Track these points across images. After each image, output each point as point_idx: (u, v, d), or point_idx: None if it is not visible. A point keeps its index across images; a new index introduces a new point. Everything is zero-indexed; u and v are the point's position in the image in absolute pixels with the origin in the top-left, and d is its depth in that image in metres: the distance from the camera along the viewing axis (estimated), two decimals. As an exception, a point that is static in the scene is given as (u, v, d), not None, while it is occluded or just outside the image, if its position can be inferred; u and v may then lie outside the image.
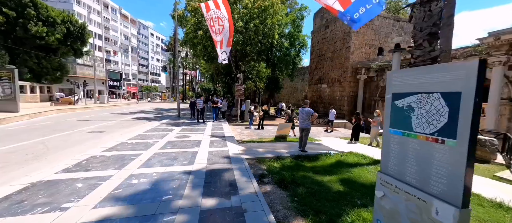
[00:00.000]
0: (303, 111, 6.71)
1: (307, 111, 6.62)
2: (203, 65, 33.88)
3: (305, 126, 6.63)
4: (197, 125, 11.40)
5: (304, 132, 6.66)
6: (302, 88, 37.46)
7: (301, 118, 6.70)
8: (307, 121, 6.59)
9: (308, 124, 6.58)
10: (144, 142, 6.93)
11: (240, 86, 12.83)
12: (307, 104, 6.86)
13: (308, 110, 6.62)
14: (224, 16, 10.98)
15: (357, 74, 21.14)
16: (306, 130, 6.63)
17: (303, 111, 6.69)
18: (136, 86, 56.24)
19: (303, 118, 6.65)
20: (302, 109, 6.80)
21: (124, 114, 16.31)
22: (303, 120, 6.65)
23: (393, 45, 22.72)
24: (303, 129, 6.69)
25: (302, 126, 6.67)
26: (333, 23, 23.88)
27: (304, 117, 6.61)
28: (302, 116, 6.67)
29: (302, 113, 6.68)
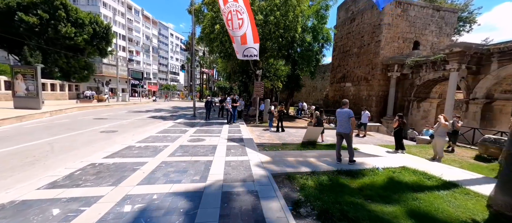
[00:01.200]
0: (341, 112, 5.35)
1: (346, 113, 5.25)
2: (220, 63, 33.35)
3: (343, 131, 5.27)
4: (212, 126, 10.47)
5: (344, 139, 5.31)
6: (322, 87, 35.31)
7: (340, 121, 5.35)
8: (347, 125, 5.23)
9: (348, 128, 5.22)
10: (153, 146, 6.07)
11: (259, 84, 11.67)
12: (346, 104, 5.47)
13: (348, 112, 5.26)
14: (242, 9, 9.88)
15: (388, 71, 18.85)
16: (346, 136, 5.27)
17: (341, 113, 5.33)
18: (156, 85, 57.93)
19: (342, 121, 5.30)
20: (340, 110, 5.44)
21: (141, 113, 16.04)
22: (342, 123, 5.30)
23: (431, 38, 19.98)
24: (342, 135, 5.33)
25: (341, 131, 5.32)
26: (360, 16, 21.68)
27: (344, 120, 5.26)
28: (341, 119, 5.32)
29: (341, 115, 5.32)
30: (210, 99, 12.61)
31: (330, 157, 5.81)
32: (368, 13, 20.55)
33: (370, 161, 5.61)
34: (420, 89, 18.27)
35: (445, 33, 20.16)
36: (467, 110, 14.67)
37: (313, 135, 6.94)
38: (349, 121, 5.19)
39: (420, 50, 19.25)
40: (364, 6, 21.28)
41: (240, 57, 10.96)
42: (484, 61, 13.61)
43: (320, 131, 7.18)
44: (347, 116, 5.20)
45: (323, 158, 5.63)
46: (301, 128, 12.20)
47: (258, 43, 10.55)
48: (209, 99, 12.62)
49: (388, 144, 8.53)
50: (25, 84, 11.74)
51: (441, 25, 19.93)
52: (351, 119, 5.15)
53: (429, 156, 6.58)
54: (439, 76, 16.25)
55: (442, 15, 19.83)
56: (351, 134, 5.24)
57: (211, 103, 12.34)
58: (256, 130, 10.34)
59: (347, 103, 5.50)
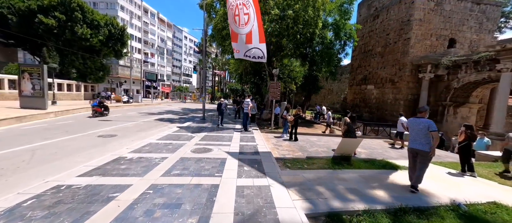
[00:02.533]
0: (417, 123, 3.84)
1: (424, 124, 3.72)
2: (232, 64, 32.36)
3: (420, 148, 3.73)
4: (222, 131, 9.16)
5: (419, 157, 3.77)
6: (338, 89, 33.12)
7: (414, 134, 3.84)
8: (425, 140, 3.70)
9: (427, 145, 3.67)
10: (148, 158, 4.83)
11: (275, 85, 10.25)
12: (425, 112, 3.91)
13: (427, 122, 3.72)
14: (248, 2, 8.58)
15: (419, 72, 16.63)
16: (422, 155, 3.72)
17: (417, 124, 3.82)
18: (170, 86, 58.37)
19: (418, 135, 3.79)
20: (415, 119, 3.92)
21: (150, 114, 15.19)
22: (417, 137, 3.79)
23: (470, 35, 17.48)
24: (417, 153, 3.79)
25: (416, 148, 3.78)
26: (385, 12, 19.62)
27: (421, 133, 3.75)
28: (416, 131, 3.82)
29: (416, 126, 3.82)
30: (223, 102, 10.91)
31: (379, 181, 4.23)
32: (395, 9, 18.48)
33: (440, 191, 3.95)
34: (457, 93, 15.89)
35: (486, 29, 17.58)
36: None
37: (348, 149, 5.37)
38: (428, 135, 3.64)
39: (456, 49, 16.85)
40: (390, 1, 19.22)
41: (240, 57, 9.62)
42: (546, 59, 11.25)
43: (358, 143, 5.60)
44: (426, 127, 3.65)
45: (371, 184, 4.07)
46: (323, 135, 10.56)
47: (265, 44, 9.17)
48: (222, 102, 10.90)
49: (443, 161, 6.69)
50: (32, 83, 11.23)
51: (482, 20, 17.39)
52: (432, 133, 3.59)
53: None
54: (484, 77, 13.88)
55: (483, 9, 17.30)
56: (431, 154, 3.66)
57: (224, 106, 10.76)
58: (272, 137, 8.89)
59: (425, 111, 3.93)
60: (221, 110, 10.64)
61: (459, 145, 5.51)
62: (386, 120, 18.84)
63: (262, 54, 9.12)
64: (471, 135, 5.42)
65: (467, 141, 5.40)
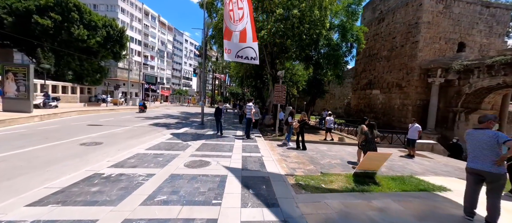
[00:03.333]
0: (479, 135, 2.95)
1: (492, 137, 2.82)
2: (233, 67, 31.61)
3: (487, 170, 2.81)
4: (222, 139, 8.21)
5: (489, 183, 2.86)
6: (340, 94, 32.31)
7: (477, 150, 2.93)
8: (493, 157, 2.77)
9: (499, 168, 2.73)
10: (130, 176, 3.88)
11: (280, 88, 9.34)
12: (490, 122, 3.00)
13: (497, 135, 2.82)
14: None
15: (428, 77, 15.81)
16: (495, 179, 2.81)
17: (481, 137, 2.92)
18: (169, 89, 57.50)
19: (482, 151, 2.88)
20: (477, 131, 3.02)
21: (147, 119, 14.25)
22: (480, 154, 2.89)
23: (480, 39, 16.76)
24: (483, 176, 2.88)
25: (482, 169, 2.86)
26: (391, 15, 18.96)
27: (487, 148, 2.83)
28: (479, 146, 2.91)
29: (480, 140, 2.91)
30: (221, 106, 9.11)
31: (428, 212, 3.28)
32: (402, 11, 17.80)
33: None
34: (469, 98, 15.04)
35: (496, 33, 16.88)
36: (543, 126, 11.32)
37: (374, 165, 4.44)
38: (497, 151, 2.71)
39: (466, 53, 16.09)
40: (396, 3, 18.58)
41: (231, 59, 8.84)
42: None
43: (385, 158, 4.66)
44: (494, 141, 2.73)
45: (419, 215, 3.11)
46: (334, 143, 9.59)
47: (257, 43, 8.40)
48: (221, 106, 9.05)
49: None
50: (16, 84, 10.30)
51: (492, 24, 16.71)
52: (508, 143, 2.66)
53: None
54: (498, 83, 13.06)
55: (493, 13, 16.63)
56: (505, 177, 2.74)
57: (221, 112, 8.93)
58: (277, 146, 7.94)
59: (490, 120, 3.00)
60: (218, 117, 8.85)
61: (508, 162, 4.57)
62: (393, 127, 17.93)
63: (254, 54, 8.28)
64: None
65: None
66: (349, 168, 5.76)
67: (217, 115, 8.92)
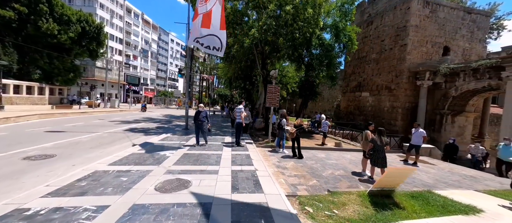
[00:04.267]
0: None
1: None
2: (221, 68, 30.37)
3: None
4: (207, 149, 7.08)
5: None
6: (329, 96, 32.30)
7: None
8: None
9: None
10: (70, 211, 2.71)
11: (273, 89, 8.42)
12: None
13: None
14: None
15: (417, 80, 15.83)
16: None
17: None
18: (154, 91, 54.62)
19: None
20: None
21: (123, 123, 12.66)
22: None
23: (462, 44, 17.18)
24: None
25: None
26: (380, 18, 18.96)
27: None
28: None
29: None
30: (203, 110, 7.12)
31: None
32: (390, 15, 17.82)
33: None
34: (455, 101, 15.21)
35: (477, 38, 17.41)
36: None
37: (393, 182, 3.63)
38: None
39: (451, 57, 16.36)
40: (384, 6, 18.62)
41: (190, 44, 7.69)
42: (552, 68, 10.66)
43: (407, 175, 3.88)
44: None
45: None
46: (331, 149, 8.80)
47: (225, 32, 7.36)
48: (201, 110, 7.07)
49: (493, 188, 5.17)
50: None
51: (473, 29, 17.20)
52: None
53: None
54: (483, 86, 13.23)
55: (474, 19, 17.15)
56: None
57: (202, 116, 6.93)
58: (271, 155, 6.99)
59: None
60: (198, 123, 6.84)
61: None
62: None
63: (219, 44, 7.17)
64: None
65: None
66: (356, 181, 4.95)
67: (196, 120, 6.90)
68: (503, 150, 7.06)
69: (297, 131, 6.64)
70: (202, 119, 6.94)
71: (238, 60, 14.96)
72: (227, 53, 14.39)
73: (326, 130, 9.88)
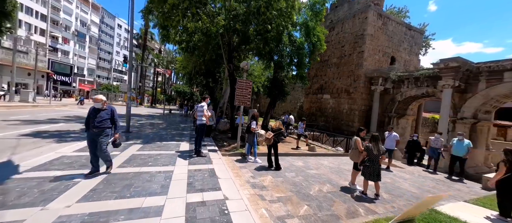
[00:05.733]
0: None
1: None
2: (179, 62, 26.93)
3: None
4: (153, 161, 5.05)
5: None
6: (292, 97, 32.84)
7: None
8: None
9: None
10: None
11: (245, 84, 6.92)
12: None
13: None
14: None
15: (371, 84, 17.08)
16: None
17: None
18: (93, 83, 45.20)
19: None
20: None
21: (28, 123, 8.89)
22: None
23: (404, 56, 19.58)
24: None
25: None
26: (340, 25, 19.88)
27: None
28: None
29: None
30: (102, 106, 3.73)
31: None
32: (350, 23, 18.81)
33: None
34: (400, 105, 17.02)
35: (414, 52, 20.16)
36: (454, 130, 13.38)
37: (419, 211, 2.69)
38: None
39: (397, 66, 18.35)
40: (345, 15, 19.61)
41: None
42: (471, 79, 12.67)
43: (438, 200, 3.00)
44: None
45: None
46: (306, 155, 7.88)
47: None
48: (101, 106, 3.70)
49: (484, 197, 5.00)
50: None
51: (412, 44, 19.83)
52: None
53: None
54: (422, 92, 15.09)
55: (412, 35, 19.78)
56: None
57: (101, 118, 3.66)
58: (242, 166, 5.49)
59: None
60: (93, 132, 3.62)
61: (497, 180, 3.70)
62: (342, 130, 18.61)
63: None
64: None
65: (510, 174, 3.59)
66: (351, 200, 3.99)
67: (90, 127, 3.66)
68: (456, 146, 7.31)
69: (275, 137, 5.36)
70: (101, 125, 3.64)
71: (201, 53, 12.85)
72: (187, 42, 12.14)
73: (303, 132, 9.04)
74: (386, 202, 4.11)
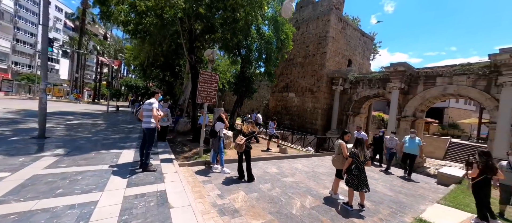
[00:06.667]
0: None
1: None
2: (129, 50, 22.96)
3: None
4: (68, 186, 3.40)
5: None
6: (257, 95, 32.45)
7: None
8: None
9: None
10: None
11: (210, 77, 5.66)
12: None
13: None
14: None
15: (333, 84, 17.95)
16: None
17: None
18: (7, 71, 34.88)
19: None
20: None
21: None
22: None
23: (359, 59, 21.39)
24: None
25: None
26: (305, 25, 20.27)
27: None
28: None
29: None
30: None
31: None
32: (314, 24, 19.33)
33: None
34: (356, 105, 18.45)
35: (366, 56, 22.25)
36: (398, 127, 15.11)
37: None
38: None
39: (353, 68, 19.85)
40: (309, 15, 20.06)
41: None
42: (412, 82, 14.50)
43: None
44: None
45: None
46: (277, 158, 7.18)
47: None
48: None
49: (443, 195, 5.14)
50: None
51: (365, 49, 21.81)
52: None
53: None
54: (374, 93, 16.63)
55: (365, 40, 21.76)
56: None
57: None
58: (206, 181, 4.34)
59: None
60: None
61: (472, 181, 3.79)
62: (306, 128, 19.10)
63: None
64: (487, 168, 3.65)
65: (484, 177, 3.63)
66: (339, 218, 3.35)
67: None
68: (409, 144, 7.38)
69: (248, 142, 4.40)
70: None
71: (157, 41, 10.75)
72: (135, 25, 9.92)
73: (274, 133, 8.33)
74: (372, 213, 3.69)
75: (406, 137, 7.88)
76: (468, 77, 11.57)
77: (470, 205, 4.33)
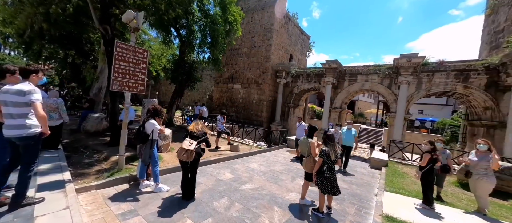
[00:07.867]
0: None
1: None
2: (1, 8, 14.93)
3: None
4: None
5: None
6: (200, 86, 29.65)
7: None
8: None
9: None
10: None
11: (133, 54, 3.77)
12: None
13: None
14: None
15: (277, 77, 18.38)
16: None
17: None
18: None
19: None
20: None
21: None
22: None
23: (298, 55, 22.95)
24: None
25: None
26: (251, 15, 19.59)
27: None
28: None
29: None
30: None
31: None
32: (259, 14, 18.93)
33: None
34: (296, 97, 19.79)
35: (303, 53, 24.21)
36: (330, 117, 17.25)
37: None
38: None
39: (295, 63, 21.10)
40: (255, 5, 19.47)
41: None
42: (341, 78, 16.78)
43: None
44: None
45: None
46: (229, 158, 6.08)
47: None
48: None
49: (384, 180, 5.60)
50: None
51: (303, 46, 23.61)
52: None
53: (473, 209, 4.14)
54: (312, 87, 18.29)
55: (303, 38, 23.55)
56: None
57: None
58: (130, 211, 2.79)
59: None
60: None
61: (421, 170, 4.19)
62: (251, 120, 18.91)
63: None
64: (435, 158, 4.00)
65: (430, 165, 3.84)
66: None
67: None
68: (346, 136, 8.27)
69: (200, 148, 3.12)
70: None
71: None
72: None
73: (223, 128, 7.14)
74: (342, 214, 3.38)
75: (344, 128, 7.86)
76: (378, 75, 14.22)
77: (403, 187, 4.92)
